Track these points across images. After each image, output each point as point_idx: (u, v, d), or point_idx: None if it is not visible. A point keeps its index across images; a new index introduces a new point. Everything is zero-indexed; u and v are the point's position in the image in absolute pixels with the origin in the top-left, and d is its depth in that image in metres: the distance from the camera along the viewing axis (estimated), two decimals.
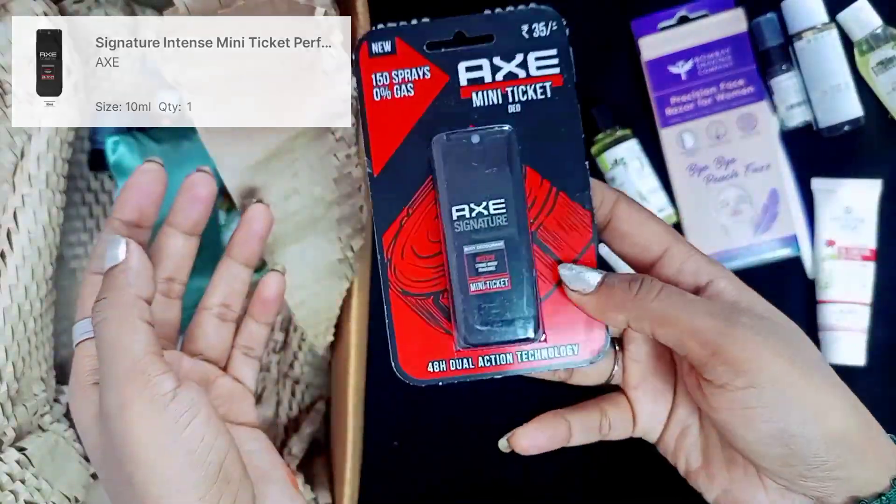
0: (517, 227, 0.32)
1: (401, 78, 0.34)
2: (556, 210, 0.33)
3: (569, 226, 0.33)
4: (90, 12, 0.52)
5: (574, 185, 0.33)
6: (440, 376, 0.36)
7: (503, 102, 0.33)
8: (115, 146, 0.49)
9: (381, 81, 0.34)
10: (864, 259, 0.58)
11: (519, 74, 0.33)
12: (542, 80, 0.33)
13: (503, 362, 0.34)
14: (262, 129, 0.42)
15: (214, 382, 0.38)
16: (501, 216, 0.32)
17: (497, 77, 0.34)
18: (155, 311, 0.33)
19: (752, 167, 0.60)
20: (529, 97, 0.33)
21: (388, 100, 0.34)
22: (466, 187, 0.33)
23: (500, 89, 0.34)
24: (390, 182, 0.33)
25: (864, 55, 0.58)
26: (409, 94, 0.34)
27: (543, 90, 0.33)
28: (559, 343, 0.33)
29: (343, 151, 0.45)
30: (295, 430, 0.55)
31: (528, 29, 0.33)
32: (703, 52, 0.60)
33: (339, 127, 0.44)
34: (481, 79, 0.34)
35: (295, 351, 0.55)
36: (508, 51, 0.33)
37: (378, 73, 0.34)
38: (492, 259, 0.32)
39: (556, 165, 0.33)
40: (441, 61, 0.34)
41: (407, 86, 0.34)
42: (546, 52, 0.33)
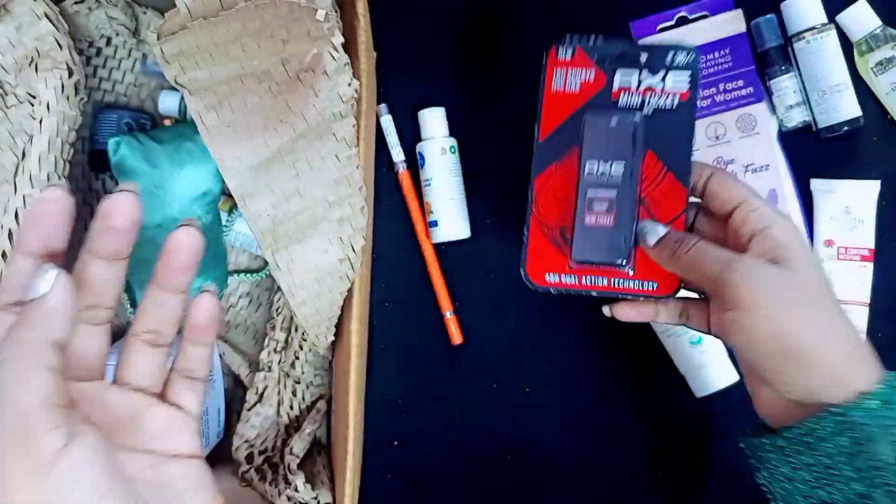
0: (629, 186, 0.44)
1: (574, 76, 0.47)
2: (662, 184, 0.45)
3: (669, 196, 0.45)
4: (91, 13, 0.52)
5: (679, 169, 0.45)
6: (553, 286, 0.46)
7: (641, 105, 0.46)
8: (116, 147, 0.49)
9: (560, 77, 0.48)
10: (863, 259, 0.58)
11: (657, 87, 0.46)
12: (673, 93, 0.46)
13: (600, 284, 0.45)
14: (263, 130, 0.42)
15: (145, 414, 0.34)
16: (619, 175, 0.44)
17: (641, 86, 0.47)
18: (76, 343, 0.31)
19: (752, 168, 0.60)
20: (661, 104, 0.46)
21: (560, 91, 0.47)
22: (599, 150, 0.45)
23: (641, 94, 0.46)
24: (549, 146, 0.46)
25: (863, 56, 0.58)
26: (576, 91, 0.47)
27: (672, 100, 0.46)
28: (642, 279, 0.45)
29: (344, 152, 0.45)
30: (296, 429, 0.56)
31: (673, 55, 0.46)
32: (703, 52, 0.60)
33: (340, 128, 0.45)
34: (629, 85, 0.47)
35: (296, 351, 0.56)
36: (654, 69, 0.46)
37: (559, 69, 0.48)
38: (604, 202, 0.45)
39: (669, 153, 0.46)
40: (605, 69, 0.47)
41: (576, 83, 0.47)
42: (682, 73, 0.46)
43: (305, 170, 0.45)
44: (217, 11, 0.37)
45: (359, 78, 0.45)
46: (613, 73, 0.47)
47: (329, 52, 0.40)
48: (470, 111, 0.62)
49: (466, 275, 0.62)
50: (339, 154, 0.45)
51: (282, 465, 0.53)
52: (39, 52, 0.45)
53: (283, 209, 0.46)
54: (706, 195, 0.43)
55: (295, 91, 0.41)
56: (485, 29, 0.63)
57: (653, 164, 0.46)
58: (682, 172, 0.45)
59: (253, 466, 0.54)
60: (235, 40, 0.38)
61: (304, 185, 0.45)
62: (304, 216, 0.47)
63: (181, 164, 0.49)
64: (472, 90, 0.63)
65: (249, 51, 0.39)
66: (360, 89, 0.45)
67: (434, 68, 0.63)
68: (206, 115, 0.40)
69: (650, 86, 0.47)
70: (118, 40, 0.55)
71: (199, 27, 0.37)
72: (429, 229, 0.61)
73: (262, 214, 0.45)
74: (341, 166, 0.46)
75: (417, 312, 0.62)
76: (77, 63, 0.46)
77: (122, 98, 0.57)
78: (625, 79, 0.47)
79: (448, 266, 0.62)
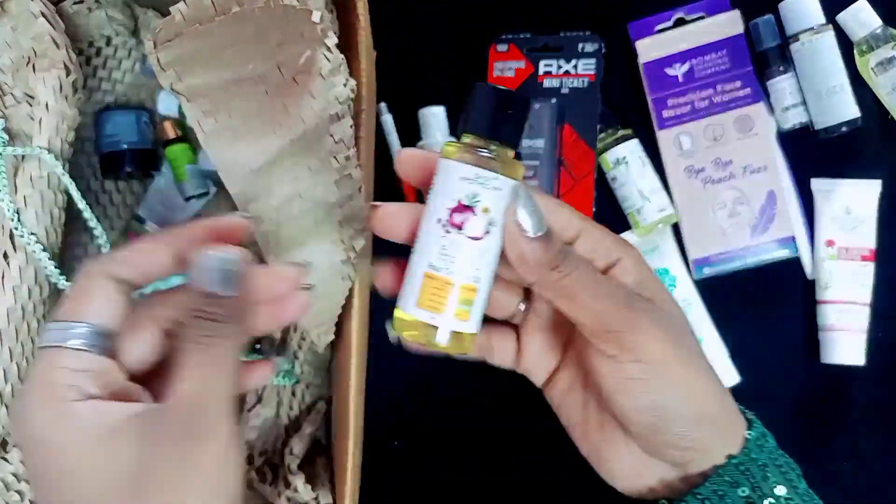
0: (549, 156, 0.59)
1: (510, 66, 0.62)
2: (577, 149, 0.60)
3: (582, 158, 0.60)
4: (90, 13, 0.52)
5: (589, 137, 0.60)
6: None
7: (560, 86, 0.61)
8: None
9: (499, 67, 0.62)
10: (864, 259, 0.58)
11: (571, 71, 0.61)
12: (584, 76, 0.60)
13: None
14: (261, 133, 0.42)
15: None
16: (539, 148, 0.60)
17: (560, 71, 0.61)
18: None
19: (750, 169, 0.60)
20: (575, 85, 0.61)
21: (500, 77, 0.62)
22: (530, 122, 0.58)
23: (560, 78, 0.61)
24: None
25: (863, 55, 0.58)
26: (512, 76, 0.62)
27: (583, 81, 0.61)
28: None
29: (343, 153, 0.45)
30: (296, 429, 0.56)
31: (582, 46, 0.61)
32: (700, 54, 0.60)
33: (338, 129, 0.45)
34: (550, 71, 0.61)
35: (295, 350, 0.56)
36: (569, 57, 0.61)
37: (497, 62, 0.62)
38: (530, 170, 0.60)
39: (581, 124, 0.60)
40: (531, 59, 0.62)
41: (512, 70, 0.62)
42: (589, 60, 0.60)
43: (305, 172, 0.45)
44: (212, 17, 0.37)
45: (358, 78, 0.45)
46: (538, 62, 0.61)
47: (323, 54, 0.40)
48: None
49: None
50: (337, 155, 0.45)
51: (282, 465, 0.53)
52: (36, 52, 0.45)
53: (284, 212, 0.46)
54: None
55: (291, 93, 0.41)
56: (485, 29, 0.63)
57: (569, 133, 0.60)
58: (591, 139, 0.60)
59: (253, 468, 0.54)
60: (230, 45, 0.38)
61: (304, 187, 0.45)
62: (305, 218, 0.47)
63: None
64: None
65: (244, 55, 0.39)
66: (360, 89, 0.45)
67: (434, 68, 0.63)
68: (205, 121, 0.40)
69: (566, 71, 0.61)
70: (118, 40, 0.55)
71: (194, 33, 0.37)
72: None
73: (263, 219, 0.46)
74: (340, 167, 0.46)
75: None
76: (74, 62, 0.46)
77: (122, 98, 0.57)
78: (546, 66, 0.61)
79: None
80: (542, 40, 0.62)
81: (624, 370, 0.31)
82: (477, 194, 0.30)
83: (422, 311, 0.31)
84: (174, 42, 0.38)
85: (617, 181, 0.61)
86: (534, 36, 0.62)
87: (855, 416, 0.59)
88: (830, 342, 0.58)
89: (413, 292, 0.32)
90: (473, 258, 0.31)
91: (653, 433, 0.32)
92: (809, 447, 0.60)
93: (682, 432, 0.31)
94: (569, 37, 0.62)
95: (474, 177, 0.30)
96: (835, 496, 0.60)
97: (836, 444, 0.60)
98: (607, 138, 0.61)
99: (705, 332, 0.60)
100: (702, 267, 0.60)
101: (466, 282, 0.31)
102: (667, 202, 0.60)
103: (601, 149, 0.61)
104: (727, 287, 0.61)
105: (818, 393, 0.60)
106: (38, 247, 0.43)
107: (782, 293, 0.61)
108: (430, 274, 0.31)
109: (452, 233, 0.31)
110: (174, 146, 0.56)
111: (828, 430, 0.60)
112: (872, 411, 0.59)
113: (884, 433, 0.59)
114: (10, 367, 0.42)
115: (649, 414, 0.31)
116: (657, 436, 0.32)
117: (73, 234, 0.56)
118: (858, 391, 0.59)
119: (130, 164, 0.55)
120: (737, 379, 0.60)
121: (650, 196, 0.60)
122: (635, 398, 0.31)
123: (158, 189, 0.58)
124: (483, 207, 0.30)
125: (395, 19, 0.62)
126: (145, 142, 0.56)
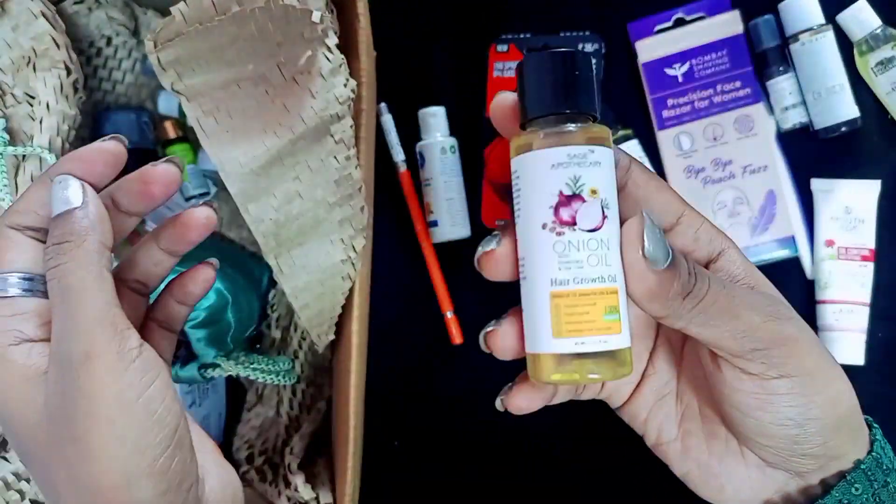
0: None
1: (509, 66, 0.62)
2: None
3: None
4: (90, 13, 0.52)
5: None
6: (497, 227, 0.49)
7: None
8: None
9: (499, 67, 0.62)
10: (864, 259, 0.58)
11: None
12: None
13: None
14: (262, 133, 0.42)
15: None
16: None
17: None
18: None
19: (750, 169, 0.60)
20: None
21: (500, 77, 0.62)
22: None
23: None
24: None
25: (863, 56, 0.58)
26: (512, 76, 0.61)
27: None
28: None
29: (343, 153, 0.45)
30: (296, 429, 0.56)
31: (582, 45, 0.61)
32: (700, 54, 0.60)
33: (338, 129, 0.45)
34: None
35: (295, 350, 0.56)
36: None
37: (497, 62, 0.62)
38: None
39: None
40: None
41: (511, 71, 0.61)
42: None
43: (305, 172, 0.45)
44: (212, 17, 0.37)
45: (359, 78, 0.45)
46: None
47: (323, 54, 0.40)
48: (470, 111, 0.63)
49: (466, 275, 0.62)
50: (337, 155, 0.45)
51: (282, 465, 0.53)
52: (37, 52, 0.45)
53: (284, 212, 0.46)
54: (625, 197, 0.30)
55: (291, 93, 0.41)
56: (485, 29, 0.63)
57: None
58: None
59: (253, 467, 0.54)
60: (230, 45, 0.38)
61: (304, 187, 0.46)
62: (306, 218, 0.47)
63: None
64: (472, 90, 0.63)
65: (245, 55, 0.39)
66: (360, 89, 0.45)
67: (434, 68, 0.63)
68: (205, 120, 0.40)
69: None
70: (118, 40, 0.55)
71: (194, 33, 0.37)
72: (429, 229, 0.61)
73: (263, 219, 0.46)
74: (341, 167, 0.46)
75: (417, 312, 0.62)
76: (75, 62, 0.46)
77: (123, 98, 0.57)
78: None
79: (448, 266, 0.62)
80: (542, 40, 0.62)
81: (769, 387, 0.28)
82: (579, 177, 0.25)
83: (563, 342, 0.26)
84: (174, 42, 0.38)
85: None
86: (534, 36, 0.62)
87: None
88: (830, 342, 0.58)
89: (544, 324, 0.26)
90: (602, 254, 0.26)
91: (791, 444, 0.29)
92: None
93: (823, 440, 0.29)
94: (569, 37, 0.62)
95: (568, 158, 0.25)
96: None
97: None
98: None
99: None
100: None
101: (605, 285, 0.26)
102: None
103: None
104: None
105: None
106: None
107: (782, 293, 0.61)
108: (558, 292, 0.26)
109: (566, 232, 0.26)
110: (174, 146, 0.56)
111: None
112: (872, 411, 0.59)
113: (884, 433, 0.59)
114: None
115: (794, 426, 0.29)
116: (794, 447, 0.29)
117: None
118: (858, 391, 0.59)
119: (131, 165, 0.55)
120: None
121: None
122: (780, 412, 0.28)
123: None
124: (591, 189, 0.25)
125: (395, 19, 0.62)
126: (145, 142, 0.56)
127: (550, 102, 0.26)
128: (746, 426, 0.30)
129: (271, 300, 0.57)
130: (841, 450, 0.30)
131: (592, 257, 0.26)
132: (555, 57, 0.26)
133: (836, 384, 0.30)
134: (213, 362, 0.47)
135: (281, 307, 0.57)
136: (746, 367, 0.28)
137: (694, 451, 0.32)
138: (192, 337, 0.45)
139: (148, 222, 0.58)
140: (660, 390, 0.33)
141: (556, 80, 0.26)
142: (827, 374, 0.29)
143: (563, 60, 0.26)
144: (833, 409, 0.29)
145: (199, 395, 0.53)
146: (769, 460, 0.31)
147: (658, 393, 0.33)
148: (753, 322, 0.27)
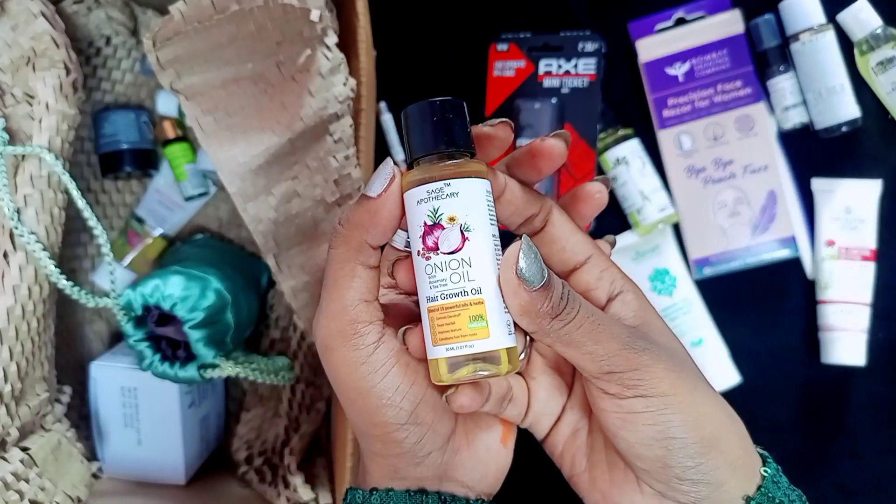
0: None
1: (509, 66, 0.62)
2: (577, 148, 0.61)
3: (583, 158, 0.61)
4: (90, 13, 0.52)
5: (589, 137, 0.61)
6: None
7: (560, 86, 0.62)
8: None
9: (499, 66, 0.63)
10: (864, 259, 0.58)
11: (571, 71, 0.61)
12: (584, 76, 0.61)
13: None
14: (260, 132, 0.42)
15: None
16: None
17: (560, 70, 0.62)
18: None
19: (750, 168, 0.60)
20: (575, 85, 0.62)
21: (501, 76, 0.63)
22: (528, 125, 0.62)
23: (560, 77, 0.62)
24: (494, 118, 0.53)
25: (864, 55, 0.58)
26: (512, 75, 0.62)
27: (583, 81, 0.61)
28: None
29: (342, 152, 0.45)
30: (296, 429, 0.56)
31: (583, 45, 0.61)
32: (701, 53, 0.60)
33: (338, 128, 0.45)
34: (550, 70, 0.62)
35: (294, 350, 0.56)
36: (569, 56, 0.62)
37: (498, 60, 0.63)
38: None
39: (582, 124, 0.61)
40: (531, 58, 0.62)
41: (512, 70, 0.62)
42: (590, 60, 0.61)
43: (304, 171, 0.45)
44: (211, 16, 0.37)
45: (359, 77, 0.45)
46: (538, 62, 0.62)
47: (323, 53, 0.40)
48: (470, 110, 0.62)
49: None
50: (337, 154, 0.45)
51: (281, 465, 0.53)
52: (36, 52, 0.45)
53: (282, 211, 0.46)
54: (543, 235, 0.33)
55: (290, 92, 0.41)
56: (485, 29, 0.63)
57: (570, 133, 0.59)
58: (591, 139, 0.61)
59: (252, 467, 0.54)
60: (229, 44, 0.38)
61: (302, 186, 0.45)
62: (304, 218, 0.47)
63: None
64: (472, 89, 0.63)
65: (244, 54, 0.39)
66: (359, 88, 0.45)
67: (434, 68, 0.63)
68: (204, 119, 0.40)
69: (567, 70, 0.61)
70: (118, 40, 0.55)
71: (193, 32, 0.37)
72: None
73: (262, 218, 0.45)
74: (340, 166, 0.46)
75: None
76: (74, 61, 0.46)
77: (122, 98, 0.57)
78: (547, 65, 0.62)
79: None
80: (543, 39, 0.62)
81: (628, 405, 0.30)
82: (437, 208, 0.29)
83: (438, 349, 0.30)
84: (173, 41, 0.38)
85: (617, 181, 0.61)
86: (534, 35, 0.62)
87: (855, 416, 0.59)
88: (831, 342, 0.58)
89: (427, 335, 0.30)
90: (464, 271, 0.29)
91: (662, 467, 0.31)
92: (810, 447, 0.60)
93: (691, 463, 0.30)
94: (569, 36, 0.62)
95: (427, 194, 0.29)
96: (835, 496, 0.60)
97: (836, 444, 0.60)
98: (607, 138, 0.61)
99: (705, 332, 0.60)
100: (702, 267, 0.60)
101: (467, 297, 0.29)
102: (667, 202, 0.60)
103: (601, 148, 0.61)
104: (727, 287, 0.61)
105: (818, 393, 0.60)
106: (37, 246, 0.43)
107: (782, 293, 0.61)
108: (431, 307, 0.30)
109: (432, 256, 0.29)
110: (173, 146, 0.56)
111: (828, 430, 0.60)
112: (873, 411, 0.59)
113: (884, 433, 0.59)
114: (10, 366, 0.42)
115: (657, 446, 0.30)
116: (666, 470, 0.30)
117: (73, 233, 0.56)
118: (859, 391, 0.59)
119: (130, 164, 0.55)
120: (737, 379, 0.60)
121: (650, 196, 0.60)
122: (641, 431, 0.30)
123: (158, 189, 0.58)
124: (448, 217, 0.29)
125: (395, 19, 0.62)
126: (145, 141, 0.56)
127: (418, 147, 0.31)
128: (620, 448, 0.32)
129: (270, 300, 0.57)
130: (719, 476, 0.30)
131: (455, 275, 0.29)
132: (422, 107, 0.31)
133: (700, 407, 0.31)
134: (213, 363, 0.47)
135: (280, 307, 0.57)
136: (606, 388, 0.31)
137: (599, 482, 0.34)
138: (192, 337, 0.45)
139: (148, 222, 0.58)
140: (574, 424, 0.36)
141: (422, 128, 0.31)
142: (688, 396, 0.30)
143: (430, 109, 0.31)
144: (696, 431, 0.30)
145: (198, 396, 0.53)
146: (655, 488, 0.32)
147: (573, 427, 0.36)
148: (611, 349, 0.30)
